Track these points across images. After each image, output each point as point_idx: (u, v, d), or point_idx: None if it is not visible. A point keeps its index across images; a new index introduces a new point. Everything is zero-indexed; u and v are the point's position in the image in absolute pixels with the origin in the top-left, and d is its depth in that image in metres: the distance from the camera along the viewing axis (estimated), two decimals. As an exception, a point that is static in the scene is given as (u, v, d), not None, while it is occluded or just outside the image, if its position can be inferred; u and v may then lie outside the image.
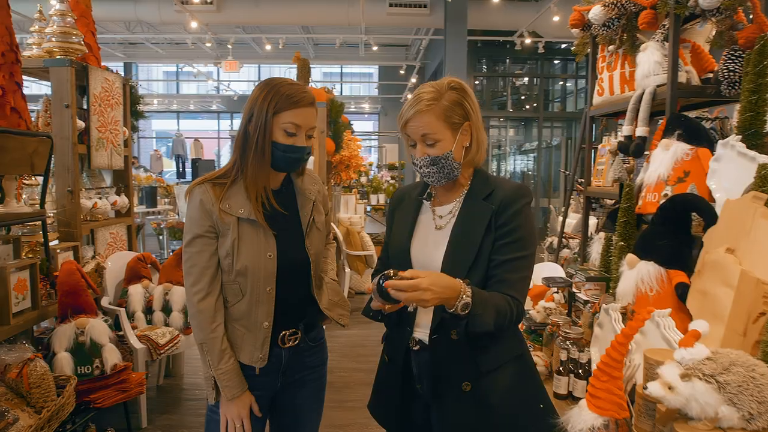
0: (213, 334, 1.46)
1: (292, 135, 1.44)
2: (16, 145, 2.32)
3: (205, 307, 1.46)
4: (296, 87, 1.44)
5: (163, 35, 12.74)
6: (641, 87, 2.23)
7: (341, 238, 5.61)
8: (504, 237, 1.29)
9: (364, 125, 19.64)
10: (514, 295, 1.27)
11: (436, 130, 1.30)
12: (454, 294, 1.17)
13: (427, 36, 11.70)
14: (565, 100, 12.63)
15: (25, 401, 2.06)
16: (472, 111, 1.35)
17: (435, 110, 1.30)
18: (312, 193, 1.62)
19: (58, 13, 3.02)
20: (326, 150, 5.09)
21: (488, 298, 1.23)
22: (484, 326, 1.21)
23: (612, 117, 2.94)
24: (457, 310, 1.18)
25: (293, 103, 1.42)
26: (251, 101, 1.45)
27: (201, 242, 1.46)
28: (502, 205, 1.31)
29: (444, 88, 1.33)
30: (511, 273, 1.28)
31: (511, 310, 1.25)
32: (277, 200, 1.53)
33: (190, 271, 1.47)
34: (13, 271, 2.30)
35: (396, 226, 1.49)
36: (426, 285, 1.14)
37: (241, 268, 1.45)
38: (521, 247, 1.29)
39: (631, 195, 1.95)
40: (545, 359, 1.76)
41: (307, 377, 1.65)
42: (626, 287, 1.65)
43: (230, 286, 1.49)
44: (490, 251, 1.29)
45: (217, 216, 1.45)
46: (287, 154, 1.45)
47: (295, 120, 1.43)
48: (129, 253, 3.36)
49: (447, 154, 1.32)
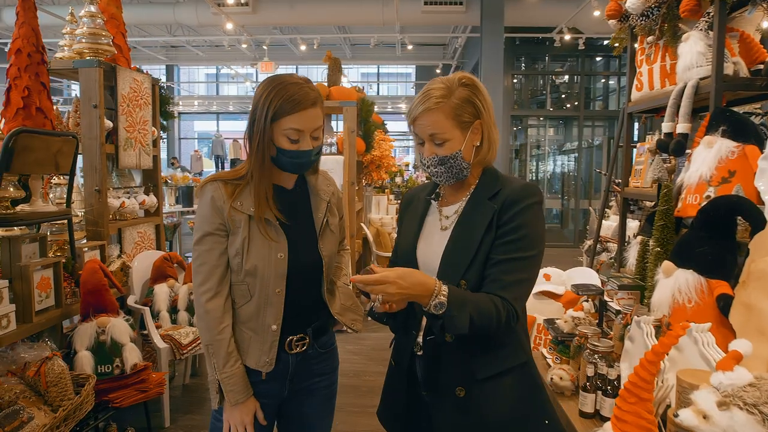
0: (220, 335, 1.41)
1: (295, 139, 1.39)
2: (40, 144, 2.35)
3: (213, 308, 1.41)
4: (296, 88, 1.36)
5: (202, 37, 13.00)
6: (683, 80, 2.08)
7: (371, 238, 5.54)
8: (504, 236, 1.23)
9: (401, 125, 19.55)
10: (505, 296, 1.19)
11: (445, 130, 1.25)
12: (426, 292, 1.14)
13: (463, 34, 11.52)
14: (607, 98, 12.20)
15: (42, 399, 2.07)
16: (484, 109, 1.28)
17: (444, 108, 1.24)
18: (326, 194, 1.57)
19: (87, 15, 3.05)
20: (356, 150, 5.03)
21: (467, 299, 1.17)
22: (459, 328, 1.15)
23: (653, 114, 2.76)
24: (430, 309, 1.14)
25: (292, 108, 1.35)
26: (253, 104, 1.41)
27: (211, 240, 1.42)
28: (505, 204, 1.24)
29: (455, 84, 1.26)
30: (507, 274, 1.21)
31: (497, 313, 1.17)
32: (290, 199, 1.49)
33: (199, 269, 1.43)
34: (37, 269, 2.32)
35: (404, 227, 1.44)
36: (392, 278, 1.11)
37: (251, 268, 1.41)
38: (522, 248, 1.22)
39: (669, 197, 1.80)
40: (572, 373, 1.63)
41: (315, 385, 1.59)
42: (662, 297, 1.51)
43: (238, 286, 1.44)
44: (489, 252, 1.23)
45: (228, 213, 1.41)
46: (293, 159, 1.41)
47: (296, 125, 1.37)
48: (155, 252, 3.37)
49: (455, 154, 1.26)
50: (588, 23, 8.81)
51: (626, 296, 1.76)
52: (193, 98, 18.40)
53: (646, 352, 1.10)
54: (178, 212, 7.34)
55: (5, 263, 2.30)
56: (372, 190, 6.70)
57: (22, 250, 2.44)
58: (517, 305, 1.20)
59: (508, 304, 1.19)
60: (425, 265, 1.32)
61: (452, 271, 1.24)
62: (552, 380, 1.63)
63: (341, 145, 4.99)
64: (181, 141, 19.51)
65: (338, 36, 12.83)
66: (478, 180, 1.34)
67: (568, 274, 3.00)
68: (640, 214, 2.94)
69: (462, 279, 1.23)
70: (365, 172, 5.90)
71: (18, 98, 2.38)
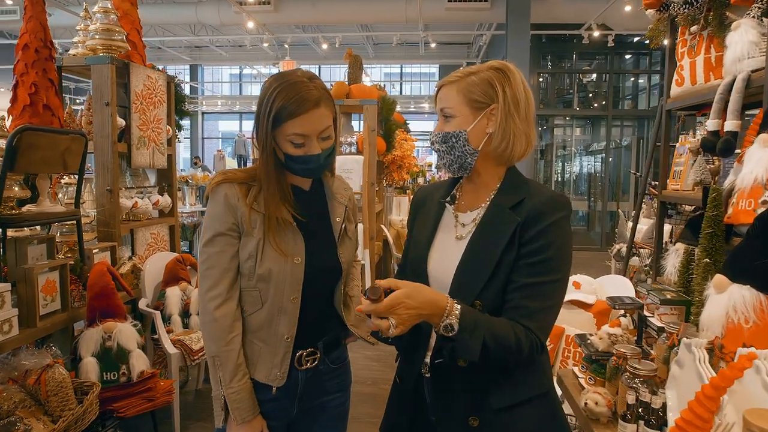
0: (228, 346, 1.30)
1: (300, 144, 1.27)
2: (46, 142, 2.26)
3: (222, 315, 1.29)
4: (297, 88, 1.24)
5: (225, 37, 13.03)
6: (731, 73, 1.89)
7: (392, 241, 5.40)
8: (528, 256, 1.09)
9: (424, 125, 19.39)
10: (529, 325, 1.05)
11: (453, 104, 1.16)
12: (436, 311, 1.02)
13: (488, 32, 11.31)
14: (636, 97, 11.84)
15: (42, 409, 1.98)
16: (506, 95, 1.14)
17: (460, 84, 1.15)
18: (344, 198, 1.47)
19: (101, 11, 2.98)
20: (377, 149, 4.89)
21: (482, 322, 1.03)
22: (470, 354, 1.02)
23: (693, 111, 2.57)
24: (440, 330, 1.04)
25: (293, 112, 1.23)
26: (257, 104, 1.30)
27: (222, 241, 1.31)
28: (530, 217, 1.10)
29: (485, 66, 1.16)
30: (532, 300, 1.07)
31: (518, 342, 1.03)
32: (307, 201, 1.39)
33: (208, 273, 1.31)
34: (42, 271, 2.24)
35: (415, 232, 1.29)
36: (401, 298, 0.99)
37: (264, 272, 1.29)
38: (548, 270, 1.08)
39: (719, 201, 1.62)
40: (608, 397, 1.46)
41: (327, 404, 1.47)
42: (713, 316, 1.33)
43: (249, 292, 1.33)
44: (509, 271, 1.09)
45: (243, 212, 1.30)
46: (301, 165, 1.30)
47: (299, 130, 1.25)
48: (168, 254, 3.29)
49: (458, 133, 1.15)
50: (618, 19, 8.52)
51: (669, 311, 1.59)
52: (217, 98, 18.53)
53: (704, 386, 0.93)
54: (199, 212, 7.33)
55: (12, 265, 2.22)
56: (393, 190, 6.55)
57: (28, 252, 2.36)
58: (542, 335, 1.07)
59: (532, 334, 1.05)
60: (436, 279, 1.18)
61: (466, 289, 1.11)
62: (586, 405, 1.46)
63: (361, 145, 4.86)
64: (205, 141, 19.65)
65: (361, 35, 12.73)
66: (500, 183, 1.19)
67: (599, 282, 2.81)
68: (677, 218, 2.74)
69: (477, 299, 1.09)
70: (386, 173, 5.76)
71: (25, 95, 2.31)
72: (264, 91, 1.27)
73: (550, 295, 1.09)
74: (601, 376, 1.62)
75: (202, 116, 19.22)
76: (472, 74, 1.15)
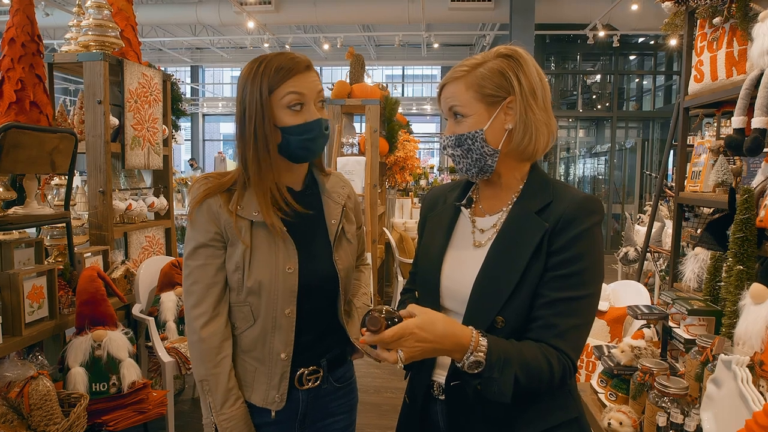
0: (217, 369, 1.18)
1: (298, 109, 1.15)
2: (32, 141, 2.15)
3: (209, 335, 1.18)
4: (285, 55, 1.17)
5: (226, 38, 12.95)
6: (758, 67, 1.78)
7: (394, 244, 5.28)
8: (558, 267, 0.97)
9: (426, 127, 19.29)
10: (561, 347, 0.93)
11: (464, 102, 1.01)
12: (458, 347, 0.90)
13: (491, 32, 11.19)
14: (641, 98, 11.72)
15: (25, 424, 1.86)
16: (521, 84, 1.01)
17: (468, 78, 1.01)
18: (341, 197, 1.32)
19: (94, 6, 2.87)
20: (379, 150, 4.78)
21: (514, 355, 0.90)
22: (500, 395, 0.89)
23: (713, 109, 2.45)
24: (464, 368, 0.91)
25: (287, 72, 1.13)
26: (240, 89, 1.19)
27: (205, 253, 1.19)
28: (561, 224, 0.97)
29: (491, 55, 1.03)
30: (563, 317, 0.95)
31: (550, 371, 0.92)
32: (299, 203, 1.24)
33: (191, 289, 1.19)
34: (28, 277, 2.13)
35: (426, 238, 1.16)
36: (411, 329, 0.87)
37: (254, 285, 1.17)
38: (581, 284, 0.96)
39: (750, 204, 1.50)
40: (633, 417, 1.34)
41: (331, 426, 1.34)
42: (751, 329, 1.22)
43: (239, 308, 1.21)
44: (537, 283, 0.96)
45: (227, 219, 1.17)
46: (302, 136, 1.17)
47: (296, 88, 1.14)
48: (163, 258, 3.17)
49: (474, 133, 1.01)
50: (624, 18, 8.40)
51: (697, 322, 1.47)
52: (218, 100, 18.43)
53: (757, 413, 0.81)
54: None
55: (-3, 270, 2.12)
56: (395, 193, 6.43)
57: (14, 256, 2.25)
58: (575, 357, 0.95)
59: (565, 357, 0.93)
60: (451, 292, 1.06)
61: (488, 303, 0.98)
62: (610, 425, 1.34)
63: (363, 146, 4.75)
64: (206, 143, 19.56)
65: (362, 35, 12.64)
66: (524, 184, 1.07)
67: (612, 288, 2.70)
68: (694, 221, 2.62)
69: (499, 315, 0.97)
70: (388, 174, 5.64)
71: (11, 91, 2.19)
72: (248, 69, 1.18)
73: (583, 312, 0.97)
74: (623, 392, 1.51)
75: (203, 118, 19.11)
76: (479, 66, 1.02)
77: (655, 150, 10.37)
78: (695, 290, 2.10)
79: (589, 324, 0.99)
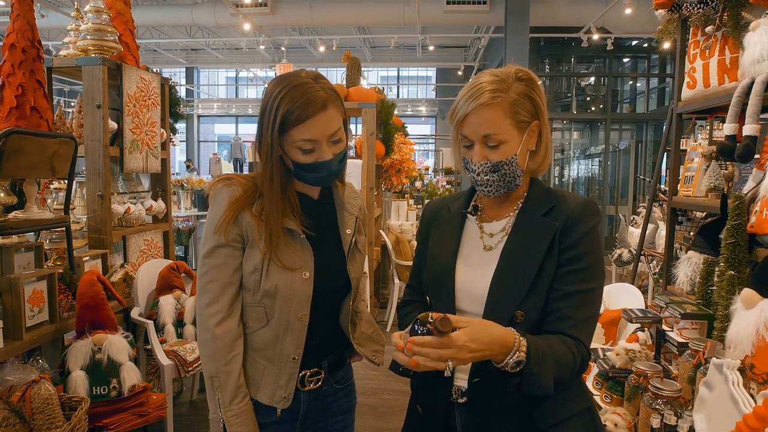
0: (228, 366, 1.21)
1: (309, 151, 1.18)
2: (33, 146, 2.16)
3: (223, 333, 1.21)
4: (302, 91, 1.15)
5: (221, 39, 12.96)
6: (749, 75, 1.81)
7: (391, 246, 5.30)
8: (570, 263, 1.05)
9: (421, 128, 19.32)
10: (578, 337, 1.01)
11: (503, 130, 1.04)
12: (503, 350, 0.94)
13: (486, 35, 11.25)
14: (635, 100, 11.80)
15: (27, 427, 1.87)
16: (542, 108, 1.08)
17: (502, 104, 1.03)
18: (354, 208, 1.37)
19: (93, 10, 2.88)
20: (375, 153, 4.80)
21: (547, 350, 0.96)
22: (543, 389, 0.95)
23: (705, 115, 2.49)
24: (507, 368, 0.95)
25: (300, 116, 1.14)
26: (261, 108, 1.20)
27: (224, 253, 1.22)
28: (568, 224, 1.05)
29: (510, 77, 1.05)
30: (578, 309, 1.03)
31: (574, 361, 0.99)
32: (316, 211, 1.29)
33: (208, 287, 1.22)
34: (29, 281, 2.14)
35: (434, 246, 1.20)
36: (462, 342, 0.89)
37: (270, 288, 1.20)
38: (590, 278, 1.05)
39: (741, 210, 1.54)
40: (627, 418, 1.38)
41: (331, 426, 1.38)
42: (742, 332, 1.25)
43: (253, 308, 1.24)
44: (551, 279, 1.03)
45: (249, 222, 1.20)
46: (313, 174, 1.21)
47: (307, 135, 1.16)
48: (161, 261, 3.18)
49: (511, 159, 1.06)
50: (618, 22, 8.48)
51: (690, 326, 1.50)
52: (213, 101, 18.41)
53: (747, 415, 0.85)
54: (194, 216, 7.22)
55: (-3, 274, 2.12)
56: (391, 195, 6.46)
57: (14, 260, 2.26)
58: (589, 346, 1.03)
59: (582, 345, 1.01)
60: (466, 293, 1.10)
61: (507, 299, 1.05)
62: (605, 427, 1.37)
63: (360, 149, 4.77)
64: (201, 144, 19.53)
65: (358, 37, 12.66)
66: (528, 192, 1.13)
67: (607, 290, 2.73)
68: (687, 225, 2.67)
69: (518, 310, 1.03)
70: (384, 177, 5.67)
71: (11, 97, 2.21)
72: (267, 96, 1.18)
73: (592, 303, 1.06)
74: (618, 394, 1.54)
75: (198, 119, 19.08)
76: (504, 90, 1.04)
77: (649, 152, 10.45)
78: (688, 293, 2.13)
79: (597, 314, 1.08)
